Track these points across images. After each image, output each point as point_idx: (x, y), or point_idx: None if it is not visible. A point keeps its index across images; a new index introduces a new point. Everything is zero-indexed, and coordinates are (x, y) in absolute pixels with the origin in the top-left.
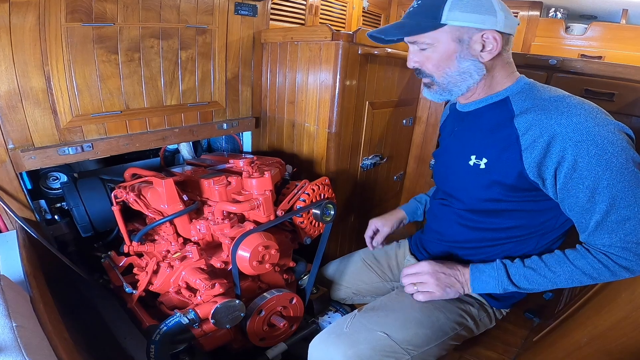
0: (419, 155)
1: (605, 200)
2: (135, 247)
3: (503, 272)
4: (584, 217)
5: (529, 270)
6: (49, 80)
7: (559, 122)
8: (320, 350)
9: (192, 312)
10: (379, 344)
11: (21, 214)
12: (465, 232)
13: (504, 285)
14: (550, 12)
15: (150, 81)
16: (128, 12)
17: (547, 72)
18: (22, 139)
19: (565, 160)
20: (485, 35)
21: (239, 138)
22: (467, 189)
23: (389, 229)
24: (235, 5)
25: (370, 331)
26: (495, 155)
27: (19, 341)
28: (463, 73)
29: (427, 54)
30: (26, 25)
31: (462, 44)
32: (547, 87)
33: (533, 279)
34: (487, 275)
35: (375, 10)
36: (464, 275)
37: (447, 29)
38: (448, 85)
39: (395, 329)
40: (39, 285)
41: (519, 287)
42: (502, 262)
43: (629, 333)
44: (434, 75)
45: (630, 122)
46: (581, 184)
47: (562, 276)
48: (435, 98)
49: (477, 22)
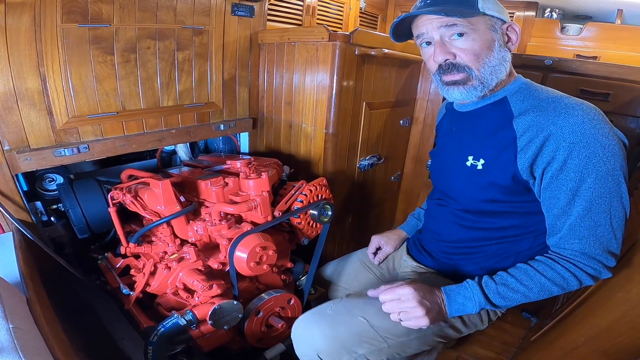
0: (416, 155)
1: (583, 203)
2: (132, 249)
3: (478, 290)
4: (559, 219)
5: (501, 286)
6: (45, 81)
7: (555, 122)
8: (302, 328)
9: (189, 313)
10: (358, 329)
11: (17, 215)
12: (462, 232)
13: (482, 304)
14: (545, 12)
15: (147, 82)
16: (124, 12)
17: (543, 73)
18: (17, 140)
19: (555, 160)
20: (510, 27)
21: (236, 139)
22: (464, 190)
23: (391, 248)
24: (232, 6)
25: (351, 315)
26: (492, 156)
27: (15, 343)
28: (501, 63)
29: (465, 45)
30: (22, 26)
31: (497, 33)
32: (543, 87)
33: (507, 295)
34: (463, 297)
35: (372, 11)
36: (442, 299)
37: (484, 18)
38: (488, 77)
39: (377, 316)
40: (35, 287)
41: (495, 304)
42: (474, 282)
43: (625, 332)
44: (472, 67)
45: (626, 122)
46: (564, 186)
47: (534, 289)
48: (470, 95)
49: (502, 14)
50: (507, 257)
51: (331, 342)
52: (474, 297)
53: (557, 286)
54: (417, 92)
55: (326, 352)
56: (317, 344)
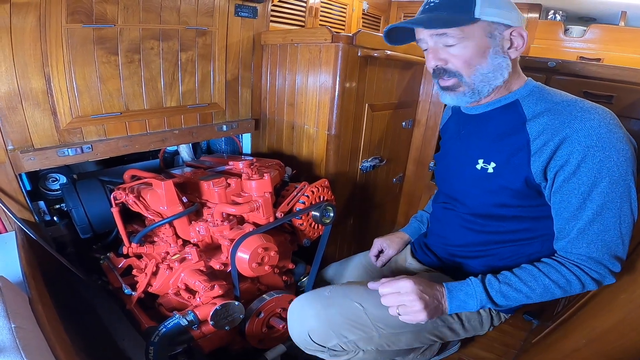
0: (418, 157)
1: (594, 207)
2: (135, 249)
3: (480, 287)
4: (569, 223)
5: (504, 285)
6: (49, 81)
7: (571, 125)
8: (298, 306)
9: (191, 313)
10: (351, 312)
11: (20, 215)
12: (470, 236)
13: (483, 302)
14: (549, 14)
15: (150, 82)
16: (128, 13)
17: (546, 74)
18: (21, 140)
19: (568, 163)
20: (513, 32)
21: (238, 140)
22: (474, 194)
23: (394, 251)
24: (235, 7)
25: (347, 299)
26: (504, 159)
27: (17, 342)
28: (495, 70)
29: (456, 51)
30: (26, 26)
31: (495, 40)
32: (556, 90)
33: (509, 295)
34: (465, 294)
35: (374, 12)
36: (443, 294)
37: (480, 24)
38: (479, 84)
39: (373, 304)
40: (37, 286)
41: (496, 303)
42: (477, 279)
43: (627, 334)
44: (462, 74)
45: (629, 125)
46: (576, 189)
47: (537, 290)
48: (461, 101)
49: (507, 18)
50: (515, 260)
51: (322, 323)
52: (475, 294)
53: (560, 289)
54: (420, 94)
55: (317, 332)
56: (309, 323)
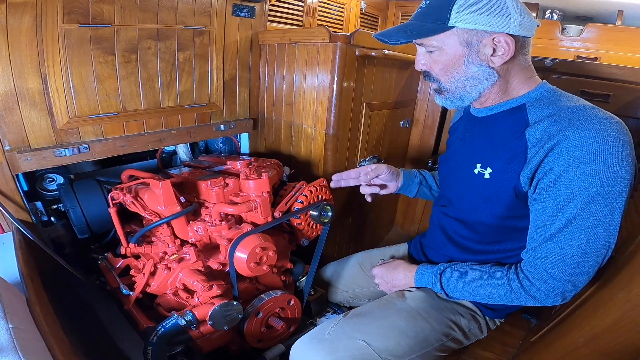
0: (416, 156)
1: (563, 220)
2: (132, 249)
3: (437, 278)
4: (537, 232)
5: (454, 278)
6: (46, 81)
7: (564, 133)
8: (300, 354)
9: (189, 313)
10: (358, 352)
11: (17, 215)
12: (464, 242)
13: (437, 289)
14: (546, 13)
15: (148, 82)
16: (125, 13)
17: (543, 74)
18: (18, 140)
19: (552, 171)
20: (496, 38)
21: (236, 140)
22: (468, 198)
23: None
24: (232, 7)
25: (351, 339)
26: (500, 166)
27: (15, 343)
28: (470, 79)
29: (435, 58)
30: (23, 26)
31: (471, 48)
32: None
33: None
34: (429, 270)
35: (372, 11)
36: (406, 277)
37: (455, 32)
38: (456, 91)
39: (377, 337)
40: (35, 287)
41: (447, 293)
42: (445, 264)
43: (626, 333)
44: (441, 80)
45: (626, 124)
46: (552, 199)
47: (482, 293)
48: (448, 105)
49: (488, 24)
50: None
51: None
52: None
53: (508, 295)
54: (418, 93)
55: None
56: None
